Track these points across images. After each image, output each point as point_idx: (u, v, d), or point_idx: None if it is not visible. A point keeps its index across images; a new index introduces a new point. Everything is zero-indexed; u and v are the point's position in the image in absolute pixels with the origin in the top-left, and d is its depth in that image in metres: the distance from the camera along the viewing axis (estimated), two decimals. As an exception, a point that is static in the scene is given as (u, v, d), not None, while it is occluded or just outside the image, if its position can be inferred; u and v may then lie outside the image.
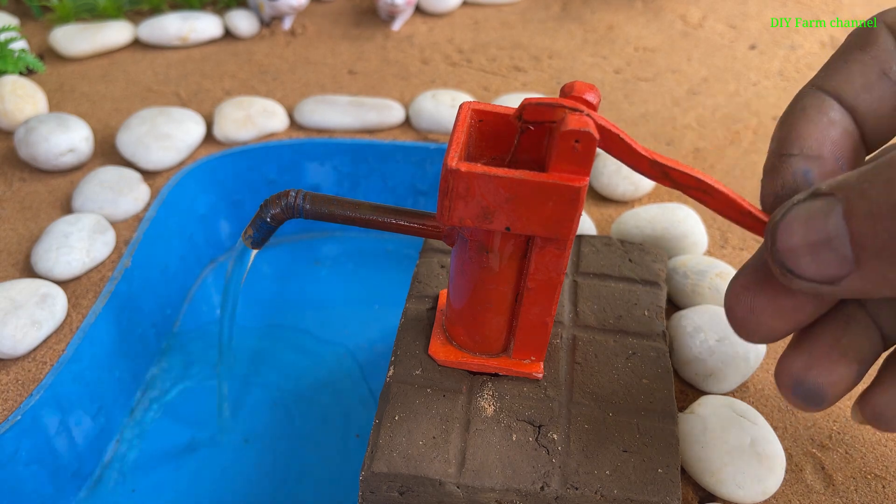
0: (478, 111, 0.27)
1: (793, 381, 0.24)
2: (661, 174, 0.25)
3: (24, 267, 0.45)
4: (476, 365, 0.33)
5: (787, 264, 0.21)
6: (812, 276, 0.21)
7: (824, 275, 0.21)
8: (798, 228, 0.21)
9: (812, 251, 0.21)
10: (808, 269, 0.21)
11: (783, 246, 0.21)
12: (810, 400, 0.24)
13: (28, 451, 0.39)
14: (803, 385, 0.24)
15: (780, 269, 0.22)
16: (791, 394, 0.24)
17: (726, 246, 0.47)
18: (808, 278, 0.21)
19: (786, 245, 0.21)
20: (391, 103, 0.57)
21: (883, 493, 0.34)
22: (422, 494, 0.30)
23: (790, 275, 0.21)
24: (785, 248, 0.21)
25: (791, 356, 0.24)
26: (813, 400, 0.24)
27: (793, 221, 0.21)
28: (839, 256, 0.20)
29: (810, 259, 0.21)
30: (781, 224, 0.21)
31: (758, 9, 0.76)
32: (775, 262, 0.22)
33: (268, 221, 0.32)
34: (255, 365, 0.51)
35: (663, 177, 0.25)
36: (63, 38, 0.65)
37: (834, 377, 0.24)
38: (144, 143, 0.52)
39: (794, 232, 0.21)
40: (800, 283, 0.21)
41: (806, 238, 0.21)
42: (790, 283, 0.22)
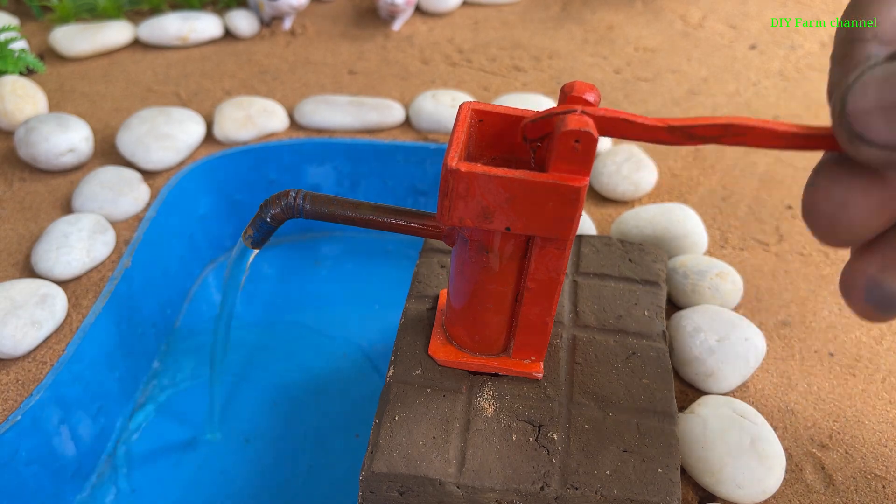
0: (478, 111, 0.27)
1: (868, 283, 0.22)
2: (685, 136, 0.24)
3: (24, 267, 0.45)
4: (476, 365, 0.33)
5: (856, 128, 0.20)
6: (885, 140, 0.19)
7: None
8: (873, 89, 0.20)
9: (887, 113, 0.19)
10: (881, 133, 0.19)
11: (854, 108, 0.20)
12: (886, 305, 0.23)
13: (28, 451, 0.39)
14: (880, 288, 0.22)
15: (847, 135, 0.20)
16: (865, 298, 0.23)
17: (726, 246, 0.47)
18: (880, 143, 0.20)
19: (857, 107, 0.20)
20: (391, 103, 0.57)
21: (883, 493, 0.34)
22: (422, 494, 0.30)
23: (859, 141, 0.20)
24: (856, 111, 0.20)
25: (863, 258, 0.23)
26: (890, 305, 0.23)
27: (868, 83, 0.20)
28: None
29: (884, 122, 0.19)
30: (855, 85, 0.20)
31: (758, 9, 0.76)
32: (843, 127, 0.20)
33: (268, 221, 0.32)
34: (255, 365, 0.51)
35: (688, 138, 0.24)
36: (63, 38, 0.65)
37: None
38: (144, 143, 0.52)
39: (868, 93, 0.20)
40: (869, 150, 0.20)
41: (881, 99, 0.19)
42: (858, 151, 0.20)
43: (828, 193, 0.22)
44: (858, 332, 0.42)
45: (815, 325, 0.42)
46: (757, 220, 0.50)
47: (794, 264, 0.46)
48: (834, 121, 0.21)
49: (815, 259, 0.46)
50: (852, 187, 0.22)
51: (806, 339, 0.41)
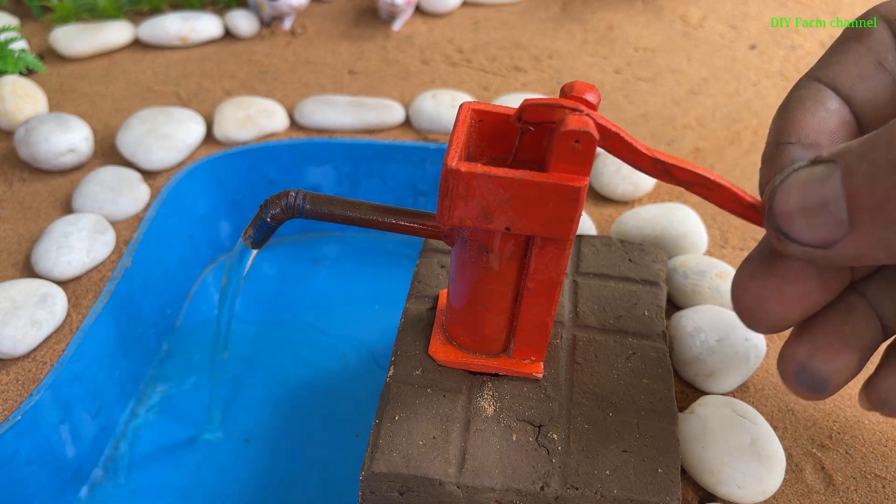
0: (478, 111, 0.27)
1: (796, 367, 0.24)
2: (663, 172, 0.25)
3: (24, 267, 0.45)
4: (476, 365, 0.33)
5: (782, 228, 0.21)
6: (807, 239, 0.21)
7: (818, 238, 0.21)
8: (795, 193, 0.21)
9: (807, 215, 0.21)
10: (803, 233, 0.21)
11: (779, 209, 0.21)
12: (814, 387, 0.24)
13: (28, 451, 0.39)
14: (807, 371, 0.24)
15: (775, 233, 0.22)
16: (794, 381, 0.25)
17: (726, 246, 0.47)
18: (802, 242, 0.21)
19: (782, 209, 0.21)
20: (391, 103, 0.57)
21: (883, 493, 0.34)
22: (422, 494, 0.30)
23: (785, 239, 0.22)
24: (781, 212, 0.21)
25: (794, 344, 0.25)
26: (816, 387, 0.24)
27: (791, 186, 0.21)
28: (834, 220, 0.20)
29: (805, 223, 0.21)
30: (780, 188, 0.22)
31: (758, 9, 0.76)
32: (771, 225, 0.22)
33: (268, 221, 0.32)
34: (255, 365, 0.51)
35: (665, 174, 0.25)
36: (63, 38, 0.65)
37: (837, 364, 0.24)
38: (144, 143, 0.52)
39: (792, 196, 0.21)
40: (794, 247, 0.22)
41: (802, 202, 0.21)
42: (785, 247, 0.22)
43: (747, 287, 0.24)
44: (858, 332, 0.42)
45: (815, 325, 0.42)
46: (757, 220, 0.50)
47: (794, 264, 0.46)
48: (763, 219, 0.23)
49: (815, 259, 0.46)
50: (768, 284, 0.24)
51: (806, 339, 0.41)
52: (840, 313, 0.24)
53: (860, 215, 0.20)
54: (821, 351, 0.24)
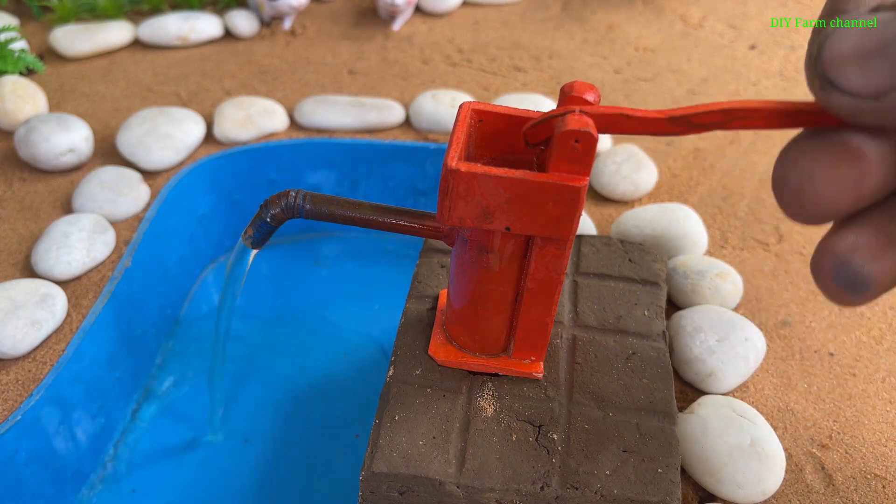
0: (478, 111, 0.27)
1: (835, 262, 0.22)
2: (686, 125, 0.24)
3: (24, 267, 0.45)
4: (476, 365, 0.33)
5: (829, 74, 0.20)
6: (856, 87, 0.19)
7: (870, 86, 0.19)
8: (852, 36, 0.19)
9: (862, 60, 0.19)
10: (853, 79, 0.19)
11: (830, 54, 0.20)
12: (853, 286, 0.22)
13: (28, 451, 0.39)
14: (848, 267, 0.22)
15: (820, 81, 0.20)
16: (831, 278, 0.22)
17: (726, 246, 0.47)
18: (851, 90, 0.19)
19: (834, 52, 0.20)
20: (391, 103, 0.57)
21: (883, 493, 0.34)
22: (422, 494, 0.30)
23: (830, 88, 0.20)
24: (832, 57, 0.20)
25: (834, 237, 0.22)
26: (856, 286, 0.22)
27: (847, 30, 0.19)
28: (891, 64, 0.19)
29: (857, 68, 0.19)
30: (834, 33, 0.20)
31: (758, 9, 0.76)
32: (817, 73, 0.20)
33: (268, 221, 0.32)
34: (254, 365, 0.51)
35: (690, 127, 0.24)
36: (63, 38, 0.65)
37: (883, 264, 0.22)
38: (144, 143, 0.52)
39: (847, 39, 0.19)
40: (840, 97, 0.20)
41: (858, 46, 0.19)
42: (828, 98, 0.20)
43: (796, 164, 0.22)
44: (858, 332, 0.42)
45: (815, 325, 0.42)
46: (757, 220, 0.50)
47: (794, 264, 0.46)
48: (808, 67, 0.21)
49: (815, 259, 0.46)
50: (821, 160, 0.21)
51: (806, 339, 0.41)
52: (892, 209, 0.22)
53: None
54: (866, 246, 0.21)
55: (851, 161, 0.21)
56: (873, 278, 0.22)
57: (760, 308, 0.43)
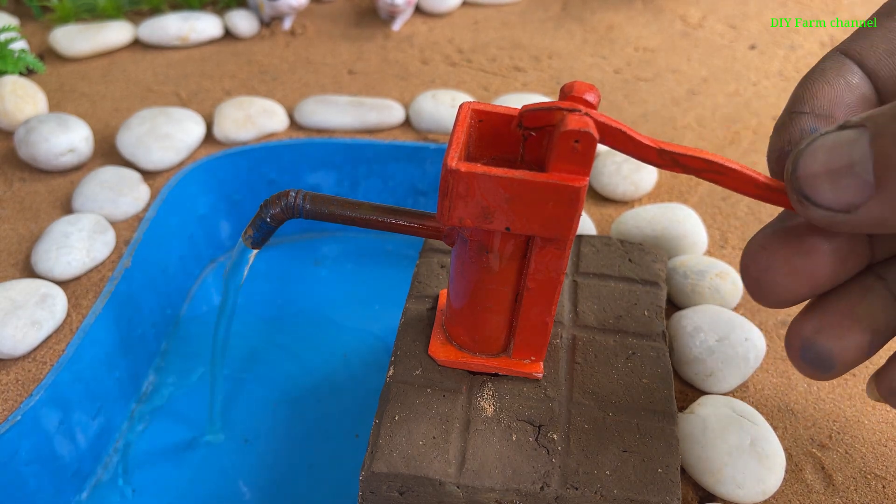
0: (478, 111, 0.27)
1: (802, 343, 0.24)
2: (671, 162, 0.25)
3: (24, 267, 0.45)
4: (476, 365, 0.33)
5: (805, 191, 0.21)
6: (830, 202, 0.21)
7: (842, 201, 0.20)
8: (821, 155, 0.21)
9: (832, 177, 0.20)
10: (827, 196, 0.21)
11: (804, 172, 0.21)
12: (819, 365, 0.24)
13: (28, 451, 0.39)
14: (813, 348, 0.23)
15: (797, 196, 0.21)
16: (799, 357, 0.24)
17: (726, 246, 0.47)
18: (825, 206, 0.21)
19: (807, 171, 0.21)
20: (391, 103, 0.57)
21: (883, 493, 0.34)
22: (422, 494, 0.30)
23: (808, 202, 0.21)
24: (805, 175, 0.21)
25: (802, 319, 0.24)
26: (821, 365, 0.24)
27: (817, 149, 0.21)
28: (859, 181, 0.20)
29: (829, 185, 0.20)
30: (806, 151, 0.21)
31: (758, 9, 0.76)
32: (794, 189, 0.21)
33: (268, 221, 0.32)
34: (254, 365, 0.51)
35: (673, 164, 0.25)
36: (63, 38, 0.65)
37: (845, 343, 0.23)
38: (144, 143, 0.52)
39: (817, 159, 0.21)
40: (816, 211, 0.21)
41: (828, 164, 0.20)
42: (806, 211, 0.21)
43: (755, 257, 0.24)
44: (858, 332, 0.42)
45: (815, 325, 0.42)
46: (757, 220, 0.50)
47: (794, 264, 0.46)
48: (786, 182, 0.22)
49: (815, 259, 0.46)
50: (776, 254, 0.23)
51: (806, 339, 0.41)
52: (855, 293, 0.23)
53: (887, 175, 0.19)
54: (829, 327, 0.23)
55: (805, 255, 0.23)
56: (837, 357, 0.23)
57: (760, 308, 0.43)
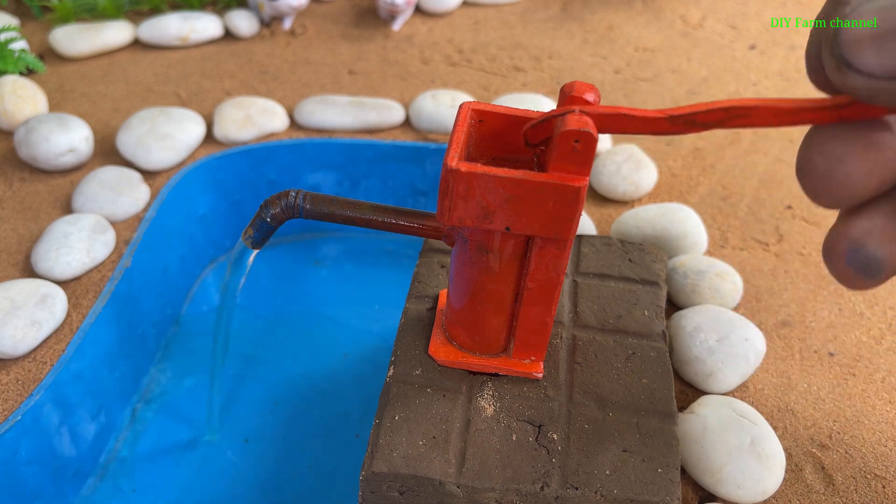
0: (478, 111, 0.27)
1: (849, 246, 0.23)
2: (688, 124, 0.24)
3: (24, 267, 0.45)
4: (476, 365, 0.33)
5: (847, 56, 0.20)
6: (874, 67, 0.20)
7: (887, 67, 0.20)
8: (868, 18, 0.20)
9: (879, 41, 0.20)
10: (872, 60, 0.20)
11: (847, 37, 0.20)
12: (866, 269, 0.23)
13: (28, 451, 0.39)
14: (862, 251, 0.22)
15: (836, 62, 0.21)
16: (845, 260, 0.23)
17: (726, 246, 0.47)
18: (867, 71, 0.20)
19: (851, 35, 0.20)
20: (391, 103, 0.57)
21: (883, 493, 0.34)
22: (422, 494, 0.30)
23: (847, 69, 0.20)
24: (849, 38, 0.20)
25: (847, 223, 0.23)
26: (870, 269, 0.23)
27: (864, 13, 0.20)
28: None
29: (875, 50, 0.20)
30: (852, 15, 0.20)
31: (758, 9, 0.76)
32: (834, 55, 0.21)
33: (268, 221, 0.32)
34: (255, 365, 0.51)
35: (691, 125, 0.24)
36: (63, 38, 0.65)
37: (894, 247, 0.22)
38: (144, 143, 0.52)
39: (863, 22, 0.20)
40: (857, 78, 0.20)
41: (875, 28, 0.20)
42: (845, 79, 0.21)
43: (824, 148, 0.22)
44: (858, 332, 0.42)
45: (815, 325, 0.42)
46: (757, 220, 0.50)
47: (794, 264, 0.46)
48: (824, 51, 0.21)
49: (815, 259, 0.46)
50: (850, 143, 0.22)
51: (806, 339, 0.41)
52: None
53: None
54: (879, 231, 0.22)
55: (879, 146, 0.22)
56: (886, 261, 0.22)
57: (760, 308, 0.43)
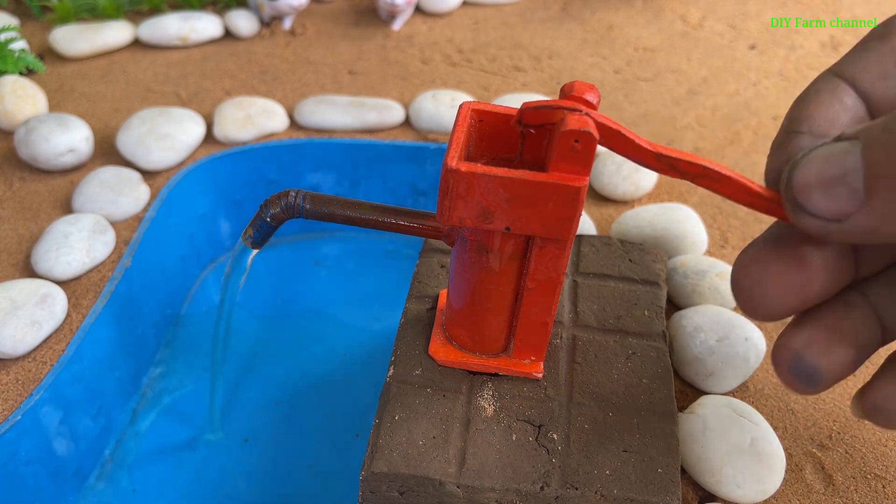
0: (478, 111, 0.27)
1: (790, 357, 0.24)
2: (668, 166, 0.25)
3: (24, 267, 0.45)
4: (476, 365, 0.33)
5: (799, 200, 0.22)
6: (822, 211, 0.21)
7: (834, 210, 0.21)
8: (816, 166, 0.22)
9: (825, 187, 0.21)
10: (820, 204, 0.21)
11: (798, 182, 0.22)
12: (806, 379, 0.24)
13: (28, 451, 0.39)
14: (801, 363, 0.24)
15: (791, 205, 0.22)
16: (787, 371, 0.25)
17: (726, 246, 0.47)
18: (817, 214, 0.22)
19: (801, 181, 0.22)
20: (391, 103, 0.57)
21: (883, 493, 0.34)
22: (422, 494, 0.30)
23: (801, 211, 0.22)
24: (800, 184, 0.22)
25: (790, 334, 0.25)
26: (809, 379, 0.24)
27: (812, 160, 0.22)
28: (850, 191, 0.21)
29: (822, 194, 0.21)
30: (801, 162, 0.22)
31: (758, 9, 0.76)
32: (788, 199, 0.22)
33: (268, 221, 0.32)
34: (255, 365, 0.51)
35: (670, 169, 0.25)
36: (63, 38, 0.65)
37: (831, 358, 0.24)
38: (144, 143, 0.52)
39: (812, 169, 0.22)
40: (809, 219, 0.22)
41: (821, 175, 0.21)
42: (799, 220, 0.22)
43: (748, 270, 0.24)
44: (858, 332, 0.42)
45: (815, 325, 0.42)
46: (757, 221, 0.50)
47: (794, 264, 0.46)
48: (781, 192, 0.23)
49: (815, 259, 0.46)
50: (769, 267, 0.24)
51: (806, 339, 0.41)
52: (840, 309, 0.24)
53: (876, 185, 0.20)
54: (816, 343, 0.24)
55: (797, 268, 0.24)
56: (824, 372, 0.24)
57: (760, 308, 0.43)
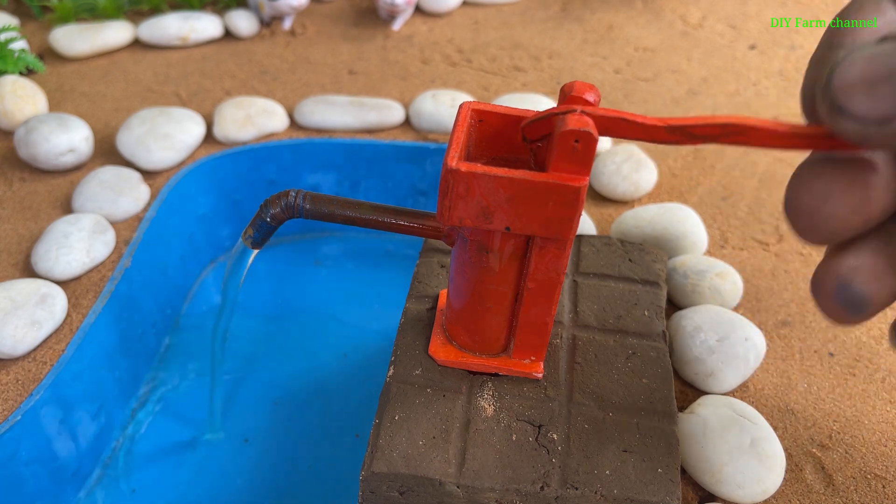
0: (478, 111, 0.27)
1: (837, 283, 0.23)
2: (685, 136, 0.24)
3: (24, 267, 0.45)
4: (476, 365, 0.33)
5: (839, 101, 0.21)
6: (864, 112, 0.20)
7: (878, 111, 0.20)
8: (859, 65, 0.20)
9: (869, 87, 0.20)
10: (862, 106, 0.20)
11: (839, 82, 0.21)
12: (853, 306, 0.23)
13: (28, 451, 0.39)
14: (848, 289, 0.23)
15: (830, 108, 0.21)
16: (833, 298, 0.23)
17: (726, 246, 0.47)
18: (859, 116, 0.20)
19: (842, 81, 0.21)
20: (391, 103, 0.57)
21: (883, 493, 0.34)
22: (422, 494, 0.30)
23: (840, 114, 0.21)
24: (841, 85, 0.21)
25: (835, 260, 0.23)
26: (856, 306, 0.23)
27: (856, 59, 0.20)
28: None
29: (865, 95, 0.20)
30: (843, 61, 0.21)
31: (758, 9, 0.76)
32: (826, 101, 0.21)
33: (268, 221, 0.32)
34: (254, 365, 0.51)
35: (688, 137, 0.24)
36: (63, 38, 0.65)
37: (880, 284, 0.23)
38: (144, 143, 0.52)
39: (855, 68, 0.20)
40: (848, 123, 0.21)
41: (866, 74, 0.20)
42: (837, 123, 0.21)
43: (810, 187, 0.23)
44: (858, 332, 0.42)
45: (815, 325, 0.42)
46: (757, 220, 0.50)
47: (794, 264, 0.46)
48: (818, 95, 0.22)
49: (815, 259, 0.46)
50: (835, 182, 0.22)
51: (806, 339, 0.41)
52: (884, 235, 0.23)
53: None
54: (866, 269, 0.23)
55: (863, 185, 0.22)
56: (872, 298, 0.23)
57: (760, 308, 0.43)
